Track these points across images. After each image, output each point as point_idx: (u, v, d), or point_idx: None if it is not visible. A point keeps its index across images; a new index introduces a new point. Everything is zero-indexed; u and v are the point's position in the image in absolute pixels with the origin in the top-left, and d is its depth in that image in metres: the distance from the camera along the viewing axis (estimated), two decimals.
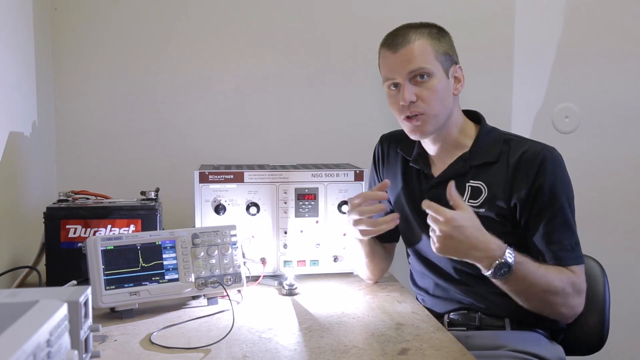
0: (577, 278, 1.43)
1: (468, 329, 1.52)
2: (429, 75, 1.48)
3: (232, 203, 1.72)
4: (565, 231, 1.45)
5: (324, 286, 1.69)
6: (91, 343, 0.99)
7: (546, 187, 1.44)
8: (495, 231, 1.48)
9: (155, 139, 2.23)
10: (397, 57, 1.50)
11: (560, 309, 1.44)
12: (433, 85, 1.48)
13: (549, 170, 1.45)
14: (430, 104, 1.49)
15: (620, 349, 2.19)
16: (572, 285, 1.42)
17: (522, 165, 1.47)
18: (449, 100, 1.52)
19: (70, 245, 1.60)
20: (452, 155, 1.56)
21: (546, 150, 1.47)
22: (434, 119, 1.50)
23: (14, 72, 1.79)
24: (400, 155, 1.67)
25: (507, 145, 1.52)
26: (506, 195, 1.47)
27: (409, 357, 1.17)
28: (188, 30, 2.23)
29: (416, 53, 1.48)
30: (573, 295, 1.43)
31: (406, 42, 1.49)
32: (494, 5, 2.33)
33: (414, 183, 1.63)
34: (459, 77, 1.55)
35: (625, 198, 2.39)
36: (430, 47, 1.49)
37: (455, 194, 1.38)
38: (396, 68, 1.50)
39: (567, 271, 1.43)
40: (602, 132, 2.37)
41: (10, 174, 1.74)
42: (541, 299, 1.42)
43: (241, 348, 1.22)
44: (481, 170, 1.52)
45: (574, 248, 1.45)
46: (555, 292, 1.40)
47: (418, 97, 1.48)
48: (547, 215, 1.45)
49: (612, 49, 2.35)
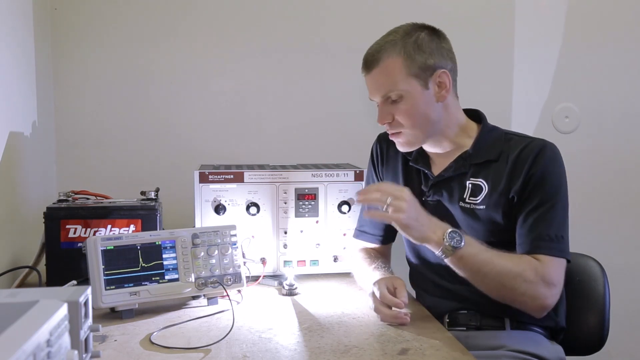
0: (544, 267, 1.39)
1: (468, 329, 1.52)
2: (400, 95, 1.47)
3: (232, 203, 1.72)
4: (548, 221, 1.42)
5: (324, 286, 1.69)
6: (91, 343, 0.99)
7: (537, 176, 1.43)
8: (495, 228, 1.48)
9: (155, 139, 2.23)
10: (369, 79, 1.51)
11: (522, 297, 1.40)
12: (407, 105, 1.47)
13: (544, 161, 1.44)
14: (407, 122, 1.49)
15: (620, 349, 2.19)
16: (535, 271, 1.38)
17: (520, 160, 1.46)
18: (430, 110, 1.49)
19: (70, 245, 1.60)
20: (453, 154, 1.56)
21: (544, 144, 1.47)
22: (414, 135, 1.51)
23: (14, 72, 1.79)
24: (400, 155, 1.66)
25: (508, 144, 1.51)
26: (505, 190, 1.46)
27: (409, 357, 1.17)
28: (188, 31, 2.23)
29: (384, 76, 1.47)
30: (537, 283, 1.38)
31: (375, 64, 1.48)
32: (494, 5, 2.33)
33: (414, 182, 1.62)
34: (443, 82, 1.49)
35: (625, 198, 2.39)
36: (401, 64, 1.46)
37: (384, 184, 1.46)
38: (371, 89, 1.52)
39: (531, 258, 1.40)
40: (602, 132, 2.37)
41: (10, 174, 1.74)
42: (498, 281, 1.39)
43: (241, 348, 1.22)
44: (482, 168, 1.51)
45: (554, 240, 1.41)
46: (511, 275, 1.37)
47: (394, 116, 1.49)
48: (533, 204, 1.43)
49: (612, 49, 2.35)
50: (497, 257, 1.39)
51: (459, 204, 1.51)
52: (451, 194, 1.53)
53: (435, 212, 1.54)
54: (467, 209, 1.50)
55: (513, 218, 1.47)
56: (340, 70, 2.28)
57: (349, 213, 1.77)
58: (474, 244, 1.40)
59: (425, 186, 1.58)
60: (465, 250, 1.37)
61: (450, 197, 1.53)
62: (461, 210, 1.51)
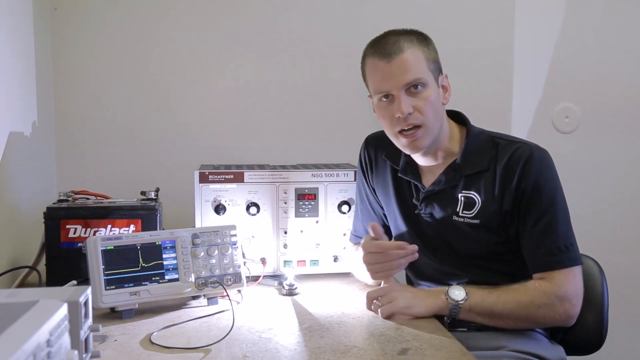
0: (553, 285, 1.38)
1: (468, 329, 1.52)
2: (424, 85, 1.43)
3: (232, 203, 1.72)
4: (552, 233, 1.41)
5: (324, 286, 1.69)
6: (91, 343, 0.99)
7: (529, 189, 1.41)
8: (491, 241, 1.47)
9: (155, 139, 2.23)
10: (391, 67, 1.42)
11: (544, 320, 1.41)
12: (428, 95, 1.43)
13: (533, 171, 1.41)
14: (427, 114, 1.43)
15: (619, 348, 2.19)
16: (544, 294, 1.38)
17: (508, 170, 1.43)
18: (441, 110, 1.48)
19: (70, 245, 1.60)
20: (442, 164, 1.52)
21: (531, 151, 1.43)
22: (430, 131, 1.45)
23: (14, 72, 1.79)
24: (389, 163, 1.62)
25: (495, 149, 1.48)
26: (497, 204, 1.45)
27: (409, 357, 1.17)
28: (188, 30, 2.23)
29: (411, 62, 1.41)
30: (551, 304, 1.38)
31: (399, 51, 1.41)
32: (494, 6, 2.33)
33: (405, 194, 1.59)
34: (446, 85, 1.50)
35: (625, 198, 2.39)
36: (422, 54, 1.44)
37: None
38: (389, 79, 1.42)
39: (537, 282, 1.40)
40: (602, 132, 2.37)
41: (10, 174, 1.74)
42: (513, 317, 1.39)
43: (241, 348, 1.22)
44: (473, 179, 1.48)
45: (563, 250, 1.40)
46: (522, 306, 1.38)
47: (414, 108, 1.42)
48: (533, 219, 1.42)
49: (612, 49, 2.35)
50: (503, 294, 1.40)
51: (452, 218, 1.50)
52: (444, 208, 1.51)
53: (429, 225, 1.54)
54: (461, 222, 1.48)
55: (512, 232, 1.45)
56: (340, 70, 2.28)
57: (349, 213, 1.77)
58: (476, 291, 1.40)
59: (416, 199, 1.56)
60: (471, 300, 1.39)
61: (443, 211, 1.51)
62: (455, 224, 1.49)
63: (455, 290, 1.40)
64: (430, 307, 1.40)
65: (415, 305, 1.39)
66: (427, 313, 1.40)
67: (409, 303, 1.39)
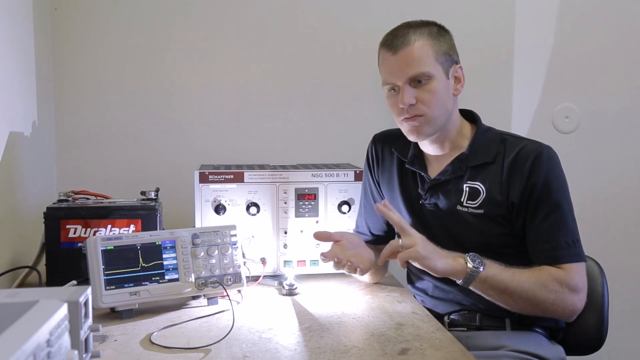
0: (566, 275, 1.40)
1: (468, 329, 1.52)
2: (429, 77, 1.46)
3: (232, 203, 1.72)
4: (561, 228, 1.43)
5: (324, 286, 1.69)
6: (91, 343, 0.99)
7: (540, 185, 1.43)
8: (494, 232, 1.47)
9: (155, 139, 2.23)
10: (397, 59, 1.46)
11: (552, 307, 1.41)
12: (432, 88, 1.46)
13: (543, 167, 1.44)
14: (430, 106, 1.46)
15: (619, 348, 2.19)
16: (558, 281, 1.39)
17: (516, 164, 1.46)
18: (449, 101, 1.50)
19: (70, 245, 1.60)
20: (449, 156, 1.55)
21: (540, 148, 1.46)
22: (433, 121, 1.48)
23: (14, 72, 1.79)
24: (396, 156, 1.65)
25: (503, 145, 1.51)
26: (503, 195, 1.46)
27: (409, 357, 1.17)
28: (188, 30, 2.23)
29: (416, 56, 1.45)
30: (563, 292, 1.40)
31: (406, 44, 1.46)
32: (494, 6, 2.33)
33: (410, 185, 1.61)
34: (459, 77, 1.52)
35: (625, 198, 2.39)
36: (430, 47, 1.46)
37: (397, 218, 1.43)
38: (395, 71, 1.47)
39: (552, 268, 1.41)
40: (602, 132, 2.37)
41: (10, 174, 1.74)
42: (525, 296, 1.39)
43: (241, 348, 1.22)
44: (478, 170, 1.51)
45: (571, 245, 1.43)
46: (536, 288, 1.39)
47: (417, 99, 1.46)
48: (542, 214, 1.44)
49: (612, 49, 2.35)
50: (519, 273, 1.40)
51: (456, 208, 1.51)
52: (448, 198, 1.52)
53: (433, 216, 1.54)
54: (465, 212, 1.50)
55: (517, 225, 1.46)
56: (340, 70, 2.28)
57: (349, 213, 1.77)
58: (494, 264, 1.40)
59: (421, 189, 1.57)
60: (488, 271, 1.38)
61: (447, 200, 1.52)
62: (459, 214, 1.50)
63: (475, 257, 1.39)
64: (447, 266, 1.39)
65: (434, 258, 1.38)
66: (442, 270, 1.39)
67: (428, 255, 1.38)
